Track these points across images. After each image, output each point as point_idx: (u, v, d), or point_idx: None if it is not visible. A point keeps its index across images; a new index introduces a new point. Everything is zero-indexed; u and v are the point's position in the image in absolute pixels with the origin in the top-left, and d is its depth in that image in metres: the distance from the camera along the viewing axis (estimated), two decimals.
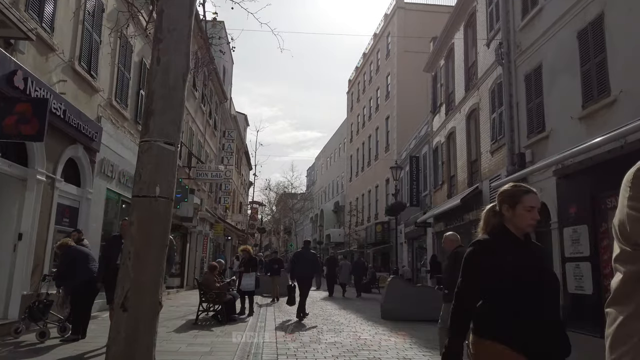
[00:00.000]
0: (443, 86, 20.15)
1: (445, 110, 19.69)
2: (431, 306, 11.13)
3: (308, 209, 57.99)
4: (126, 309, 3.32)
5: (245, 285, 11.07)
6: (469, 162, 16.55)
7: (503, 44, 13.18)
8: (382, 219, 30.65)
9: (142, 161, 3.58)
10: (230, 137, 28.56)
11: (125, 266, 3.43)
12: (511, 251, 2.30)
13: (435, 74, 21.56)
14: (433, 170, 21.38)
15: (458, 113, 17.69)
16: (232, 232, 33.41)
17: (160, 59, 3.68)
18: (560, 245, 10.18)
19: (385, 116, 32.17)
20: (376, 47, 35.85)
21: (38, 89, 7.50)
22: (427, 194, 22.55)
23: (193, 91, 19.36)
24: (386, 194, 31.17)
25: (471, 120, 16.58)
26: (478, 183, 15.00)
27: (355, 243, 33.62)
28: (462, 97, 17.28)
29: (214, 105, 25.22)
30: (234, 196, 35.90)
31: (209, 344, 7.37)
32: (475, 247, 2.37)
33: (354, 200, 38.69)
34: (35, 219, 7.95)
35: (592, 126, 9.46)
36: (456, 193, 17.57)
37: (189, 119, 18.77)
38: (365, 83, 38.74)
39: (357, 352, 7.16)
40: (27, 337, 7.12)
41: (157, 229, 3.50)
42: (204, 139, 22.21)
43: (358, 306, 15.36)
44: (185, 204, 17.05)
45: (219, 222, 26.66)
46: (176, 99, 3.71)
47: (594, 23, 9.50)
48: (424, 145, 23.40)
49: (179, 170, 16.80)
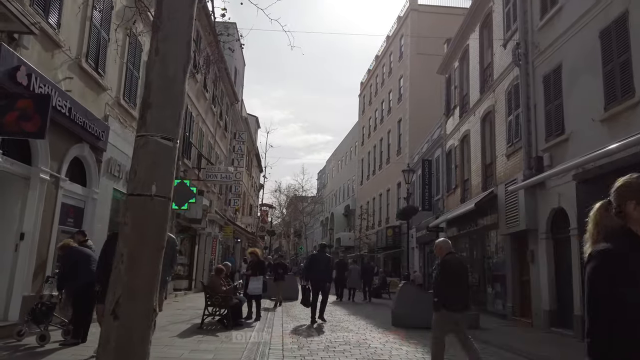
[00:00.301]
0: (457, 88, 19.78)
1: (459, 112, 19.31)
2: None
3: (318, 212, 57.73)
4: (117, 317, 3.07)
5: (253, 289, 10.80)
6: (484, 165, 16.16)
7: (520, 44, 12.81)
8: (394, 223, 30.26)
9: (137, 157, 3.33)
10: (241, 139, 28.41)
11: (117, 270, 3.17)
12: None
13: (449, 76, 21.19)
14: (446, 174, 20.99)
15: (472, 116, 17.31)
16: (242, 234, 33.26)
17: (159, 49, 3.43)
18: (580, 253, 9.77)
19: (397, 119, 31.82)
20: (389, 50, 35.54)
21: (42, 86, 7.32)
22: (439, 198, 22.16)
23: (204, 92, 19.21)
24: (397, 197, 30.80)
25: (486, 123, 16.19)
26: (493, 187, 14.60)
27: (366, 247, 33.26)
28: (477, 99, 16.90)
29: (225, 107, 25.08)
30: (244, 198, 35.76)
31: (212, 350, 7.11)
32: (600, 260, 1.78)
33: (364, 204, 38.34)
34: (38, 218, 7.77)
35: (614, 129, 9.07)
36: (470, 197, 17.18)
37: (199, 120, 18.62)
38: (378, 86, 38.42)
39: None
40: (27, 340, 6.92)
41: (152, 230, 3.24)
42: (214, 140, 22.06)
43: (368, 312, 15.03)
44: (194, 206, 16.84)
45: (228, 224, 26.48)
46: (176, 91, 3.45)
47: (617, 21, 9.12)
48: (436, 149, 23.01)
49: (188, 172, 16.68)
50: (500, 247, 14.60)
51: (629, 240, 1.81)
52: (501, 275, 14.22)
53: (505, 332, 10.85)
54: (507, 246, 13.80)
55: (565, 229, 10.51)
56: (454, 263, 5.98)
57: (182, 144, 16.26)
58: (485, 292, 15.52)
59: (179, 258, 17.79)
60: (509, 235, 13.51)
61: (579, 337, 9.63)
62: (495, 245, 15.24)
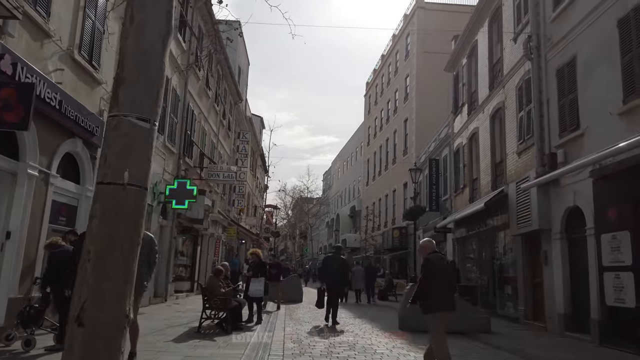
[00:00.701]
0: (465, 86, 19.29)
1: (467, 110, 18.82)
2: (453, 316, 10.42)
3: (324, 213, 57.30)
4: (82, 324, 2.65)
5: (254, 291, 10.37)
6: (493, 164, 15.65)
7: (532, 37, 12.31)
8: (400, 224, 29.77)
9: (108, 140, 2.91)
10: (245, 139, 28.03)
11: (83, 270, 2.76)
12: None
13: (457, 73, 20.70)
14: (454, 174, 20.49)
15: (481, 113, 16.81)
16: (247, 235, 32.85)
17: (134, 17, 3.01)
18: (597, 253, 9.27)
19: (403, 118, 31.33)
20: (395, 49, 35.08)
21: (29, 76, 6.94)
22: (447, 198, 21.65)
23: (206, 89, 18.84)
24: (404, 198, 30.31)
25: (496, 120, 15.69)
26: (503, 186, 14.09)
27: (372, 248, 32.73)
28: (485, 96, 16.41)
29: (229, 106, 24.71)
30: (248, 199, 35.38)
31: (208, 356, 6.68)
32: None
33: (370, 205, 37.85)
34: (25, 216, 7.37)
35: (633, 122, 8.57)
36: (479, 197, 16.68)
37: (201, 118, 18.25)
38: (384, 85, 37.96)
39: None
40: (15, 345, 6.53)
41: (125, 224, 2.82)
42: (217, 139, 21.69)
43: (373, 314, 14.56)
44: (196, 205, 16.46)
45: (232, 225, 26.10)
46: (153, 65, 3.02)
47: (636, 9, 8.63)
48: (444, 148, 22.52)
49: (189, 171, 16.30)
50: (510, 248, 14.09)
51: None
52: (512, 277, 13.71)
53: (519, 336, 10.35)
54: (518, 247, 13.27)
55: (581, 229, 10.00)
56: (436, 262, 5.77)
57: (184, 142, 15.89)
58: (495, 294, 15.01)
59: (180, 259, 17.41)
60: (520, 236, 13.00)
61: (596, 342, 9.14)
62: (505, 246, 14.73)
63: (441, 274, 5.69)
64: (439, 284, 5.60)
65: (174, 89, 14.50)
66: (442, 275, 5.70)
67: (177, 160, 15.33)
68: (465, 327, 10.05)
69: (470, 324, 10.41)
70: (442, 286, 5.63)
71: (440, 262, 5.84)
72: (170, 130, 14.44)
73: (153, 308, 12.57)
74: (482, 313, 10.78)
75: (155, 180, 13.17)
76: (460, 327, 9.63)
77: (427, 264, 5.73)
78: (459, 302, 11.09)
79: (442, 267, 5.79)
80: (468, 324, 10.36)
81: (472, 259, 18.14)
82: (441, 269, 5.74)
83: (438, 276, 5.64)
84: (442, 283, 5.64)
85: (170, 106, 14.06)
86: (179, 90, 15.01)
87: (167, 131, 14.10)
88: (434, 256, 5.83)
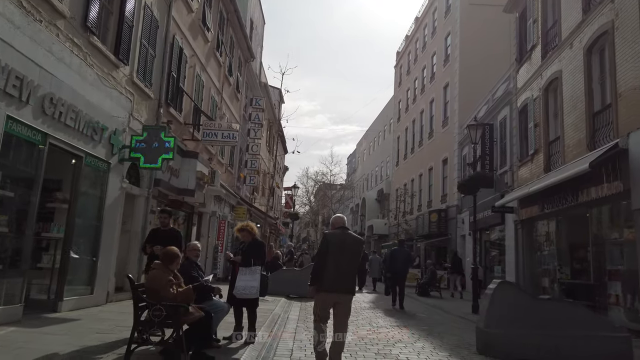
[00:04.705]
0: (536, 22, 14.82)
1: (540, 53, 14.37)
2: (574, 334, 6.33)
3: (348, 198, 53.10)
4: None
5: (242, 289, 6.27)
6: (589, 114, 11.23)
7: None
8: (438, 207, 25.46)
9: None
10: (258, 106, 23.94)
11: None
12: None
13: (523, 9, 16.17)
14: (518, 138, 16.08)
15: (569, 48, 12.35)
16: (262, 219, 28.83)
17: None
18: None
19: (443, 84, 26.84)
20: (432, 6, 30.48)
21: None
22: (506, 170, 17.26)
23: (203, 29, 14.80)
24: (443, 177, 25.97)
25: (594, 53, 11.26)
26: (617, 139, 9.66)
27: (403, 234, 28.33)
28: (577, 23, 11.94)
29: (237, 61, 20.64)
30: (263, 179, 31.43)
31: None
32: None
33: (401, 186, 33.51)
34: None
35: None
36: (563, 163, 12.30)
37: (195, 63, 14.23)
38: (418, 51, 33.38)
39: None
40: None
41: None
42: (220, 97, 17.65)
43: (421, 321, 10.40)
44: (184, 172, 12.54)
45: (242, 204, 22.18)
46: None
47: None
48: (501, 109, 18.08)
49: (175, 126, 12.18)
50: (630, 226, 9.75)
51: None
52: (632, 270, 9.36)
53: None
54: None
55: None
56: (333, 239, 5.17)
57: (167, 86, 11.91)
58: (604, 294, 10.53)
59: None
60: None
61: None
62: (615, 226, 10.38)
63: (338, 253, 5.07)
64: (333, 263, 5.03)
65: (146, 5, 10.48)
66: (340, 254, 5.07)
67: (155, 107, 11.35)
68: (591, 353, 5.96)
69: (600, 347, 6.21)
70: (337, 266, 5.03)
71: (341, 240, 5.16)
72: (142, 63, 10.46)
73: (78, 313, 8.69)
74: (616, 330, 6.56)
75: (113, 126, 9.22)
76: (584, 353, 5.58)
77: (323, 241, 5.23)
78: (583, 310, 6.89)
79: (341, 245, 5.13)
80: (597, 347, 6.20)
81: (548, 246, 13.81)
82: (340, 247, 5.10)
83: (334, 254, 5.05)
84: (338, 263, 5.04)
85: (136, 23, 10.01)
86: (155, 12, 10.99)
87: (136, 62, 10.13)
88: (333, 232, 5.28)
